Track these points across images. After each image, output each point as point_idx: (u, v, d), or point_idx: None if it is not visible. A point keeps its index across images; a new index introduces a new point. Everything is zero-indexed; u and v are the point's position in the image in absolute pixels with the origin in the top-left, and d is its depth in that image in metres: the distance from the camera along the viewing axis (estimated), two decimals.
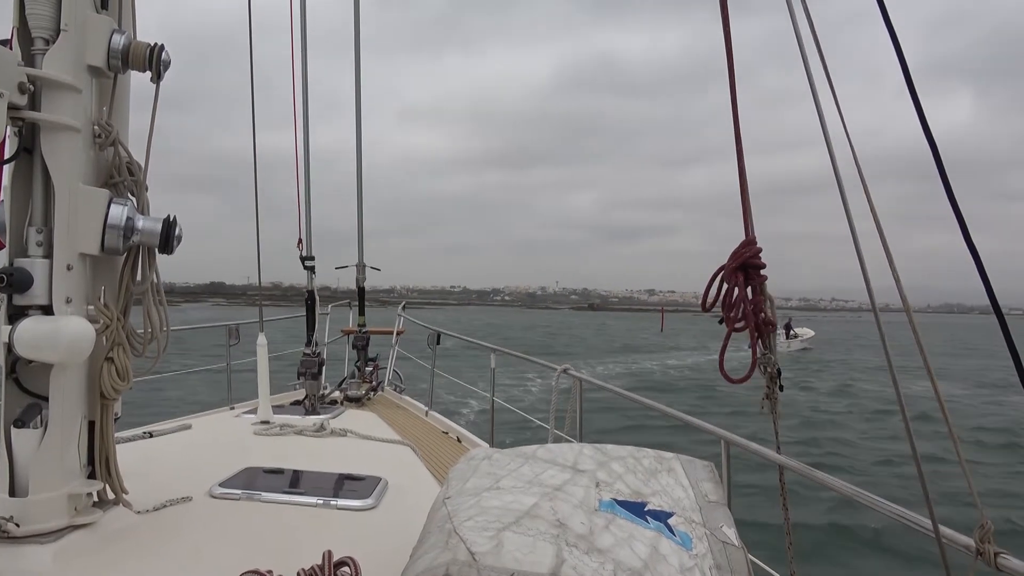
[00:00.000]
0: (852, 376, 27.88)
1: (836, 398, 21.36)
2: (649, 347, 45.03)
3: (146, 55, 2.04)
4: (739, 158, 2.12)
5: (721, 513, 1.66)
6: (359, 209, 6.21)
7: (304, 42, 5.09)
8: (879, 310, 1.70)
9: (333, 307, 7.26)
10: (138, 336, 2.13)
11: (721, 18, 2.17)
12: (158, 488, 2.40)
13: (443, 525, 1.39)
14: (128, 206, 2.00)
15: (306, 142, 5.19)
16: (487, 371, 5.68)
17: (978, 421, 17.21)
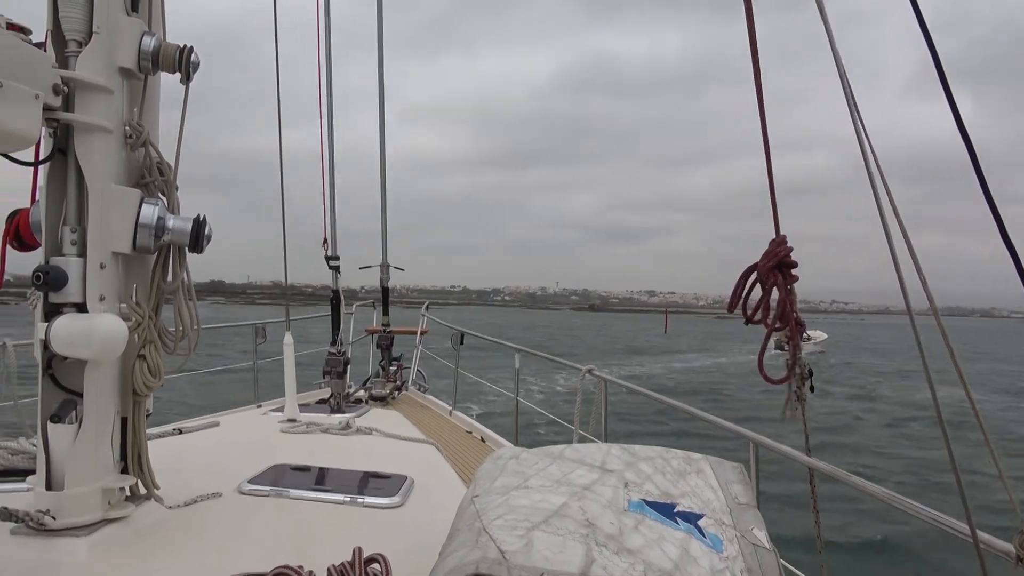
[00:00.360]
0: (864, 380, 27.53)
1: (856, 402, 21.08)
2: (653, 349, 44.48)
3: (175, 56, 2.06)
4: (767, 157, 2.09)
5: (751, 515, 1.63)
6: (383, 210, 6.23)
7: (328, 41, 5.13)
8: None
9: (358, 307, 7.30)
10: (169, 334, 2.15)
11: (745, 16, 2.14)
12: (188, 484, 2.43)
13: (472, 523, 1.39)
14: (159, 206, 2.03)
15: (331, 142, 5.23)
16: (503, 370, 5.67)
17: (1007, 428, 16.89)
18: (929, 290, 1.69)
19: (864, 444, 14.82)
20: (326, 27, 5.13)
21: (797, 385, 2.06)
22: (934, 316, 1.69)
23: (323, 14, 5.11)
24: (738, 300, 2.18)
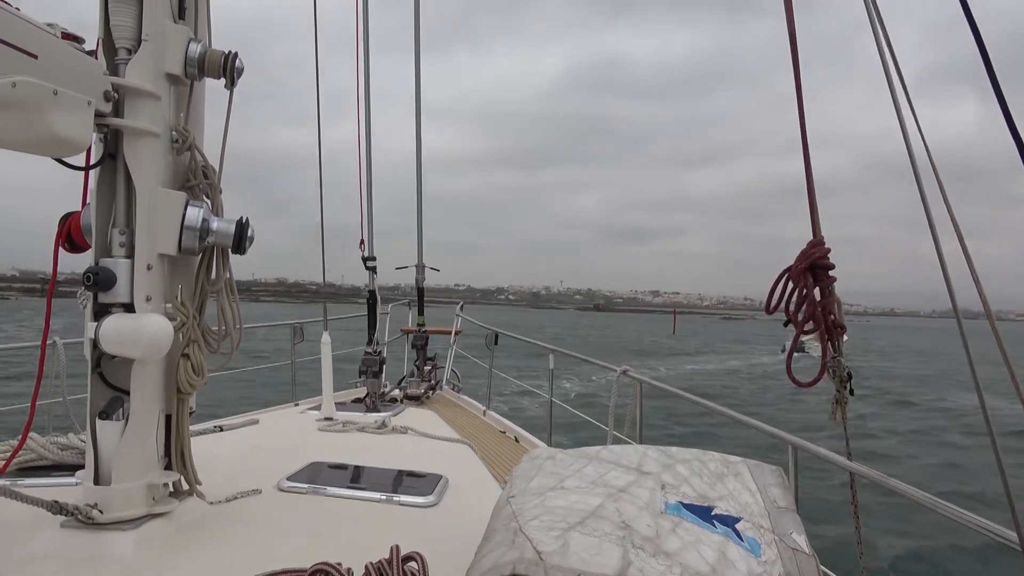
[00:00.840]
0: (883, 385, 26.98)
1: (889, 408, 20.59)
2: (661, 351, 43.29)
3: (221, 63, 2.11)
4: (805, 157, 2.06)
5: (790, 519, 1.62)
6: (419, 211, 6.29)
7: (367, 40, 5.17)
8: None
9: (393, 307, 7.38)
10: (213, 333, 2.21)
11: (785, 14, 2.11)
12: (229, 480, 2.48)
13: (508, 524, 1.40)
14: (204, 208, 2.08)
15: (368, 142, 5.29)
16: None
17: None
18: (984, 295, 1.65)
19: (893, 451, 14.50)
20: (364, 27, 5.19)
21: (837, 388, 2.03)
22: (988, 321, 1.66)
23: (362, 14, 5.16)
24: (777, 302, 2.16)
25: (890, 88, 1.70)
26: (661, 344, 50.12)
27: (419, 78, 6.08)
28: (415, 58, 6.04)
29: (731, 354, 43.39)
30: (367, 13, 5.15)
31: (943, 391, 23.77)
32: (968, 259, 1.66)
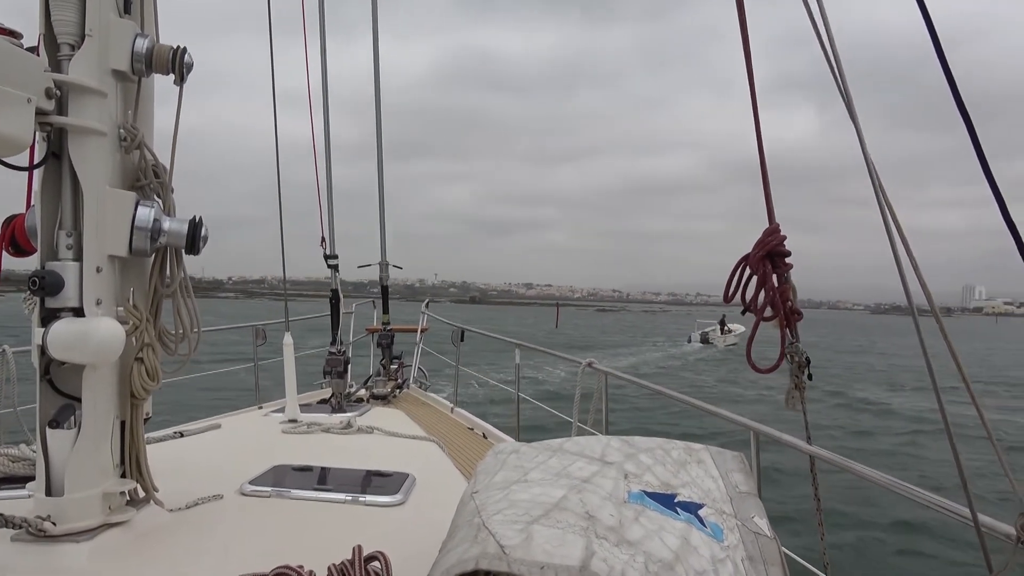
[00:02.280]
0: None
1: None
2: (547, 345, 42.60)
3: (169, 58, 2.06)
4: (759, 148, 2.09)
5: (752, 503, 1.64)
6: (381, 209, 6.23)
7: (323, 36, 5.09)
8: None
9: (358, 305, 7.30)
10: (171, 335, 2.16)
11: (737, 14, 2.13)
12: (189, 487, 2.43)
13: (472, 519, 1.39)
14: (155, 208, 2.03)
15: (327, 141, 5.21)
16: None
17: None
18: (928, 290, 1.69)
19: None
20: (320, 20, 5.11)
21: (795, 374, 2.06)
22: (934, 316, 1.69)
23: (317, 7, 5.08)
24: (733, 291, 2.18)
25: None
26: (545, 339, 48.02)
27: (378, 67, 5.99)
28: (373, 48, 5.96)
29: (643, 345, 43.84)
30: (323, 7, 5.08)
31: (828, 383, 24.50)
32: (908, 255, 1.69)
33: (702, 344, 44.84)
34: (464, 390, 5.86)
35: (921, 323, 1.65)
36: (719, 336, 45.62)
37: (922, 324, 1.63)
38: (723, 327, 46.80)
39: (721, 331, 46.35)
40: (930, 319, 1.68)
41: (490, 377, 8.18)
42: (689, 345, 44.77)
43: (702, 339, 46.11)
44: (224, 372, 6.68)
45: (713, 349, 42.38)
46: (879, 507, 8.54)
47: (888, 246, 1.58)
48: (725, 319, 48.30)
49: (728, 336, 45.63)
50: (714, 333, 46.19)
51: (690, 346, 44.47)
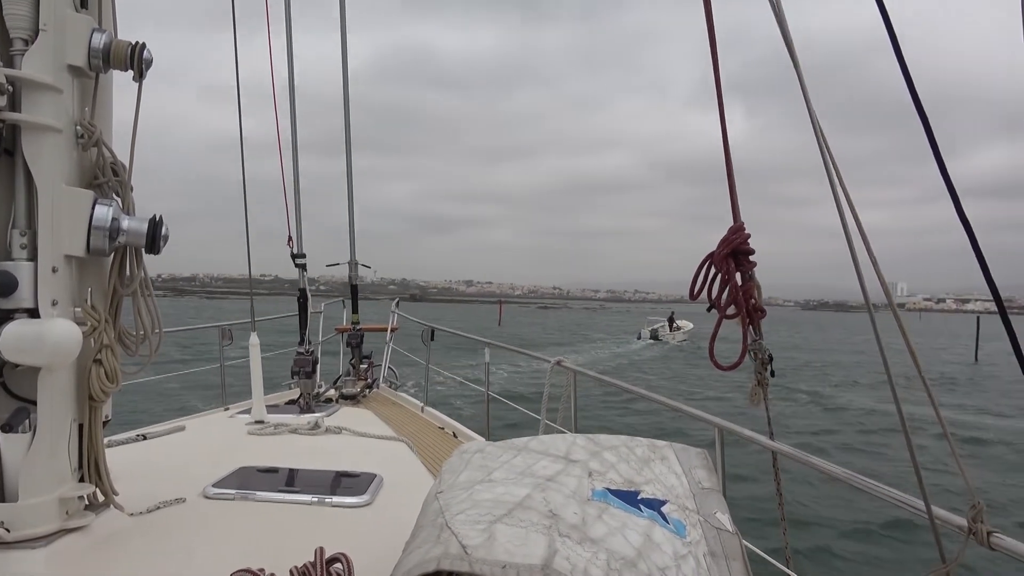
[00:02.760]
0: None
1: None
2: (527, 343, 40.43)
3: (127, 54, 2.02)
4: (725, 146, 2.11)
5: (715, 499, 1.65)
6: (350, 205, 6.18)
7: (289, 29, 5.03)
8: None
9: (327, 305, 7.25)
10: (132, 336, 2.12)
11: (705, 18, 2.15)
12: (151, 490, 2.39)
13: (435, 519, 1.39)
14: (113, 207, 1.99)
15: (294, 138, 5.16)
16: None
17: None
18: (887, 285, 1.72)
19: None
20: (286, 11, 5.05)
21: (758, 371, 2.09)
22: (892, 312, 1.73)
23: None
24: (699, 288, 2.20)
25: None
26: (498, 336, 49.01)
27: (346, 65, 5.94)
28: (342, 47, 5.90)
29: (591, 342, 44.12)
30: (289, 5, 5.02)
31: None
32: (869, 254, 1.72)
33: (652, 341, 45.40)
34: (431, 388, 5.87)
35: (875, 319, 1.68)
36: (668, 333, 46.46)
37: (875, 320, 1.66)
38: (672, 324, 47.71)
39: (670, 328, 47.18)
40: (885, 315, 1.72)
41: (456, 375, 8.17)
42: (639, 342, 45.24)
43: (652, 336, 46.68)
44: (190, 373, 6.58)
45: (663, 345, 42.97)
46: (841, 501, 8.74)
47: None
48: (674, 315, 49.40)
49: (677, 333, 46.60)
50: (663, 330, 46.92)
51: (640, 343, 44.93)
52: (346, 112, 6.02)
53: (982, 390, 23.74)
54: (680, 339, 45.53)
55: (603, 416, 14.51)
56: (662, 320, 49.45)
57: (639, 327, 51.04)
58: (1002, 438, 14.67)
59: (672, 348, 40.98)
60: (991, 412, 18.38)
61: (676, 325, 47.67)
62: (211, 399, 5.75)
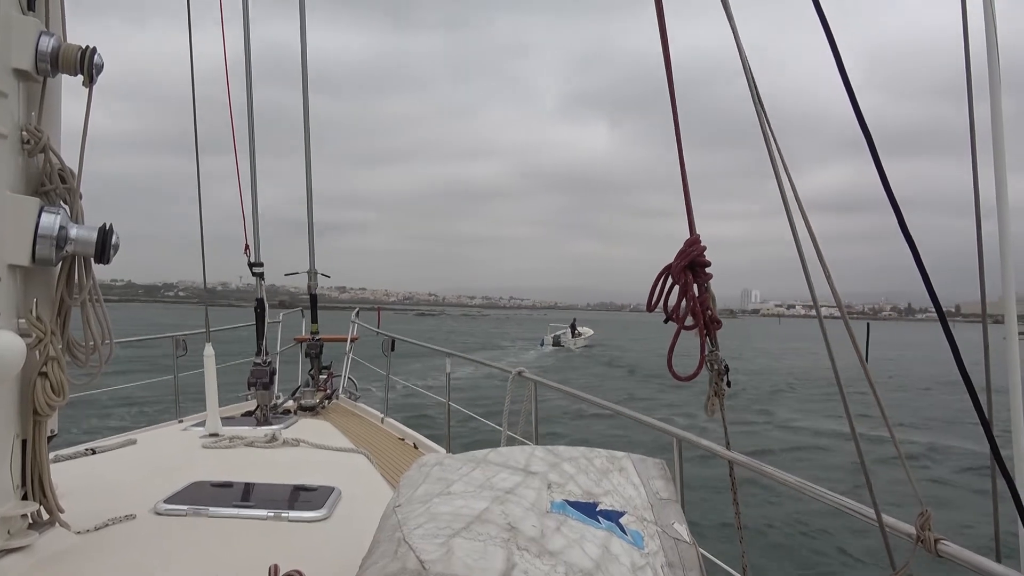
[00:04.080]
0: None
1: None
2: (373, 354, 40.78)
3: (77, 58, 1.97)
4: (680, 159, 2.15)
5: (672, 510, 1.67)
6: (309, 215, 6.11)
7: (248, 49, 4.97)
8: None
9: (285, 315, 7.14)
10: (81, 347, 2.05)
11: (657, 21, 2.19)
12: (100, 507, 2.32)
13: (393, 534, 1.37)
14: (61, 215, 1.93)
15: (251, 141, 5.08)
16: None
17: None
18: (837, 293, 1.76)
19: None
20: (244, 13, 4.99)
21: (715, 381, 2.12)
22: (842, 318, 1.76)
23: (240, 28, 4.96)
24: (656, 300, 2.23)
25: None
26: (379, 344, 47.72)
27: (305, 55, 5.86)
28: (301, 37, 5.82)
29: (496, 349, 44.61)
30: (247, 30, 4.96)
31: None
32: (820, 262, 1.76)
33: (554, 347, 46.24)
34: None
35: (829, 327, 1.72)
36: (571, 339, 47.54)
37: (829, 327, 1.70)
38: (574, 330, 49.07)
39: (572, 334, 48.41)
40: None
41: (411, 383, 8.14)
42: (542, 348, 46.04)
43: (555, 342, 47.61)
44: (143, 384, 6.41)
45: (567, 351, 43.77)
46: (796, 509, 8.92)
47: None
48: (576, 322, 51.11)
49: (579, 339, 48.06)
50: (566, 336, 47.99)
51: (544, 349, 45.67)
52: (305, 119, 5.95)
53: (896, 403, 23.07)
54: (582, 345, 46.98)
55: (566, 426, 14.57)
56: (564, 327, 50.56)
57: (519, 336, 51.97)
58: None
59: (577, 353, 42.34)
60: (912, 425, 18.47)
61: (578, 331, 49.21)
62: (164, 412, 5.62)
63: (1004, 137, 1.51)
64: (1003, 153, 1.51)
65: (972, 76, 1.62)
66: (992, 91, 1.53)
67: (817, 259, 1.66)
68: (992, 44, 1.53)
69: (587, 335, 49.77)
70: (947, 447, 15.32)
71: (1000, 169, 1.51)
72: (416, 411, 10.99)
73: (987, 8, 1.55)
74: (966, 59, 1.63)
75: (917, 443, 15.52)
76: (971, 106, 1.60)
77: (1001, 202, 1.50)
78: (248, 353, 5.05)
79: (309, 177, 6.08)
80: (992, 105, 1.52)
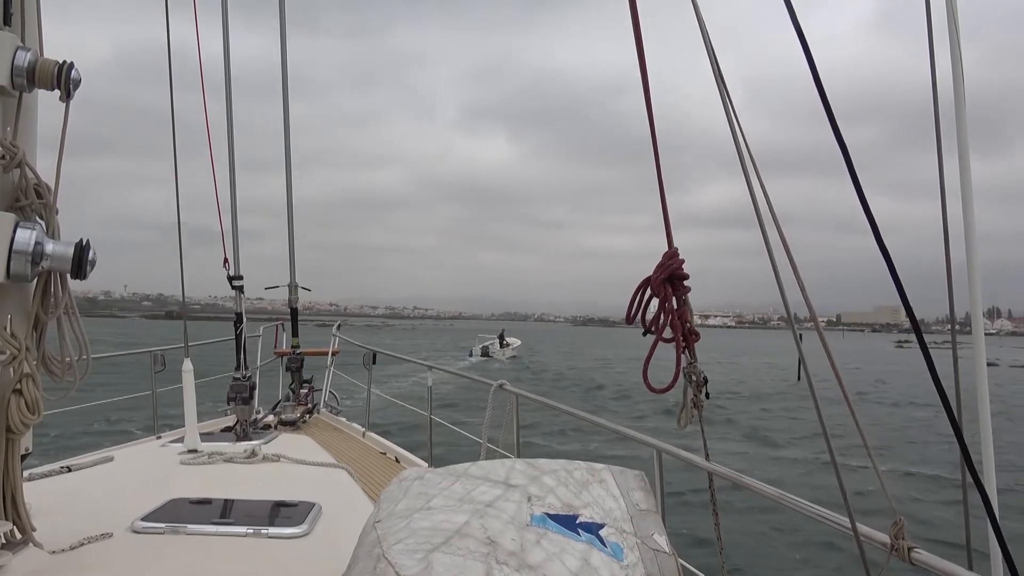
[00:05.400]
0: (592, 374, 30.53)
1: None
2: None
3: (54, 73, 1.96)
4: (658, 173, 2.17)
5: (652, 521, 1.68)
6: (290, 228, 6.09)
7: (228, 72, 4.96)
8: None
9: (265, 329, 7.10)
10: (57, 363, 2.03)
11: (633, 32, 2.22)
12: (75, 526, 2.28)
13: (372, 550, 1.37)
14: (37, 230, 1.91)
15: (231, 157, 5.06)
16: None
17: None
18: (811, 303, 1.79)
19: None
20: (225, 65, 5.00)
21: (693, 392, 2.14)
22: (816, 328, 1.79)
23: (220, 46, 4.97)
24: (635, 312, 2.24)
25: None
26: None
27: (286, 65, 5.86)
28: (281, 50, 5.82)
29: (427, 357, 44.83)
30: (228, 53, 4.97)
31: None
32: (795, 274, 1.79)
33: (483, 357, 46.64)
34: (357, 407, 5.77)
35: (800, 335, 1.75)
36: (499, 349, 48.28)
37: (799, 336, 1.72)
38: (502, 341, 49.82)
39: (500, 344, 49.15)
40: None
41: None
42: (470, 359, 46.43)
43: (483, 352, 48.04)
44: (119, 400, 6.33)
45: (495, 363, 44.15)
46: (775, 519, 8.98)
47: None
48: (504, 333, 51.85)
49: (507, 349, 48.86)
50: (494, 346, 48.45)
51: (472, 359, 46.11)
52: (286, 129, 5.94)
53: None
54: (510, 355, 47.63)
55: (548, 438, 14.56)
56: (492, 337, 51.00)
57: (471, 346, 52.32)
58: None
59: (505, 363, 42.85)
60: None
61: (506, 342, 50.06)
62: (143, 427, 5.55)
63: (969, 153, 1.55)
64: (968, 171, 1.55)
65: (940, 120, 1.65)
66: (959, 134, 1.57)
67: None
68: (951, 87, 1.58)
69: (515, 345, 50.62)
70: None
71: (966, 183, 1.55)
72: (392, 419, 10.97)
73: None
74: (935, 110, 1.66)
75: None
76: (939, 146, 1.64)
77: (968, 229, 1.54)
78: (228, 367, 5.01)
79: (289, 190, 6.07)
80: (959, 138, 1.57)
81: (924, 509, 10.57)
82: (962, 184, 1.53)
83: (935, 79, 1.62)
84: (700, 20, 1.88)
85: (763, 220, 1.66)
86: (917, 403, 24.47)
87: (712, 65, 1.80)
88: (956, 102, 1.55)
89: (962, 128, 1.54)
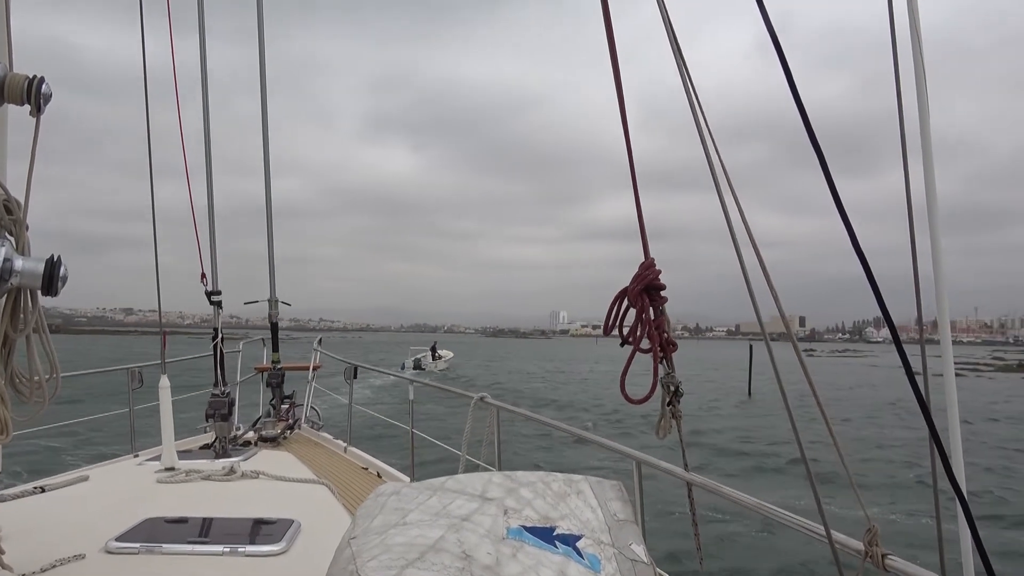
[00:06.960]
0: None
1: None
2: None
3: (24, 88, 1.94)
4: (634, 185, 2.19)
5: (630, 531, 1.67)
6: (269, 243, 6.05)
7: (203, 46, 4.92)
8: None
9: (245, 344, 7.03)
10: (26, 380, 2.00)
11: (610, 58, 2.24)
12: (48, 547, 2.24)
13: (346, 567, 1.36)
14: (6, 247, 1.89)
15: (208, 173, 5.03)
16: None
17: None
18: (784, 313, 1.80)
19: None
20: (200, 28, 4.96)
21: (670, 402, 2.14)
22: (790, 340, 1.80)
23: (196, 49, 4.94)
24: (612, 323, 2.25)
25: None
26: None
27: (264, 75, 5.82)
28: (259, 55, 5.81)
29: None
30: (204, 58, 4.94)
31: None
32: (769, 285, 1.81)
33: (416, 370, 46.66)
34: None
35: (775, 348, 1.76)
36: (432, 362, 48.41)
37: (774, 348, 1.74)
38: (435, 353, 49.85)
39: (433, 357, 49.05)
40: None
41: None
42: (402, 372, 46.41)
43: (415, 365, 47.98)
44: (94, 419, 6.23)
45: (427, 375, 44.08)
46: (752, 527, 9.04)
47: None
48: (436, 345, 51.85)
49: (439, 361, 48.89)
50: (427, 359, 48.55)
51: (404, 372, 46.03)
52: (265, 140, 5.91)
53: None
54: (442, 367, 47.69)
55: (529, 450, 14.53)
56: (424, 350, 51.02)
57: (403, 358, 52.14)
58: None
59: (438, 375, 42.58)
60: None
61: (439, 354, 50.11)
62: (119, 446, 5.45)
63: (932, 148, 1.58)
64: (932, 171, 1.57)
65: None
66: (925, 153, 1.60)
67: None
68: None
69: (447, 358, 50.60)
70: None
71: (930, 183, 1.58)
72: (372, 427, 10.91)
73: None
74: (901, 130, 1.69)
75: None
76: (906, 168, 1.66)
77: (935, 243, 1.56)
78: (207, 384, 4.95)
79: (269, 206, 6.03)
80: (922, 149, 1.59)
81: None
82: (928, 201, 1.55)
83: (901, 104, 1.64)
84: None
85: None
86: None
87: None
88: (921, 118, 1.58)
89: (927, 142, 1.57)
